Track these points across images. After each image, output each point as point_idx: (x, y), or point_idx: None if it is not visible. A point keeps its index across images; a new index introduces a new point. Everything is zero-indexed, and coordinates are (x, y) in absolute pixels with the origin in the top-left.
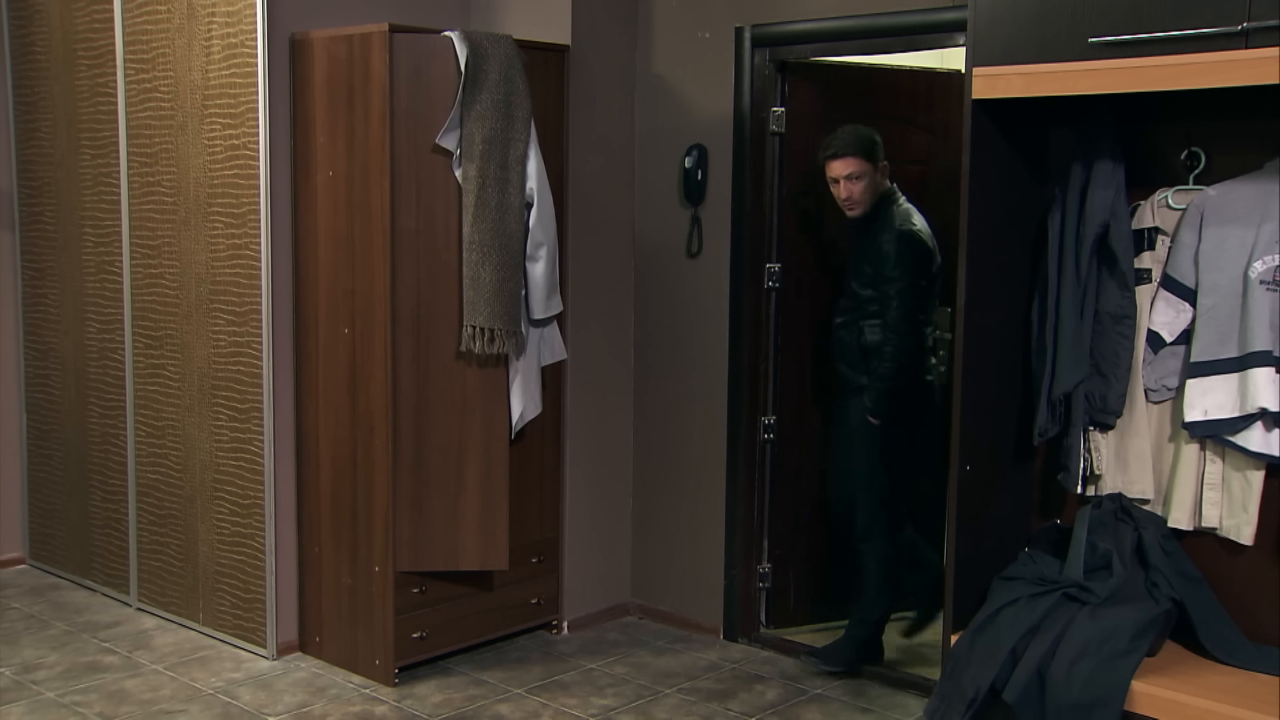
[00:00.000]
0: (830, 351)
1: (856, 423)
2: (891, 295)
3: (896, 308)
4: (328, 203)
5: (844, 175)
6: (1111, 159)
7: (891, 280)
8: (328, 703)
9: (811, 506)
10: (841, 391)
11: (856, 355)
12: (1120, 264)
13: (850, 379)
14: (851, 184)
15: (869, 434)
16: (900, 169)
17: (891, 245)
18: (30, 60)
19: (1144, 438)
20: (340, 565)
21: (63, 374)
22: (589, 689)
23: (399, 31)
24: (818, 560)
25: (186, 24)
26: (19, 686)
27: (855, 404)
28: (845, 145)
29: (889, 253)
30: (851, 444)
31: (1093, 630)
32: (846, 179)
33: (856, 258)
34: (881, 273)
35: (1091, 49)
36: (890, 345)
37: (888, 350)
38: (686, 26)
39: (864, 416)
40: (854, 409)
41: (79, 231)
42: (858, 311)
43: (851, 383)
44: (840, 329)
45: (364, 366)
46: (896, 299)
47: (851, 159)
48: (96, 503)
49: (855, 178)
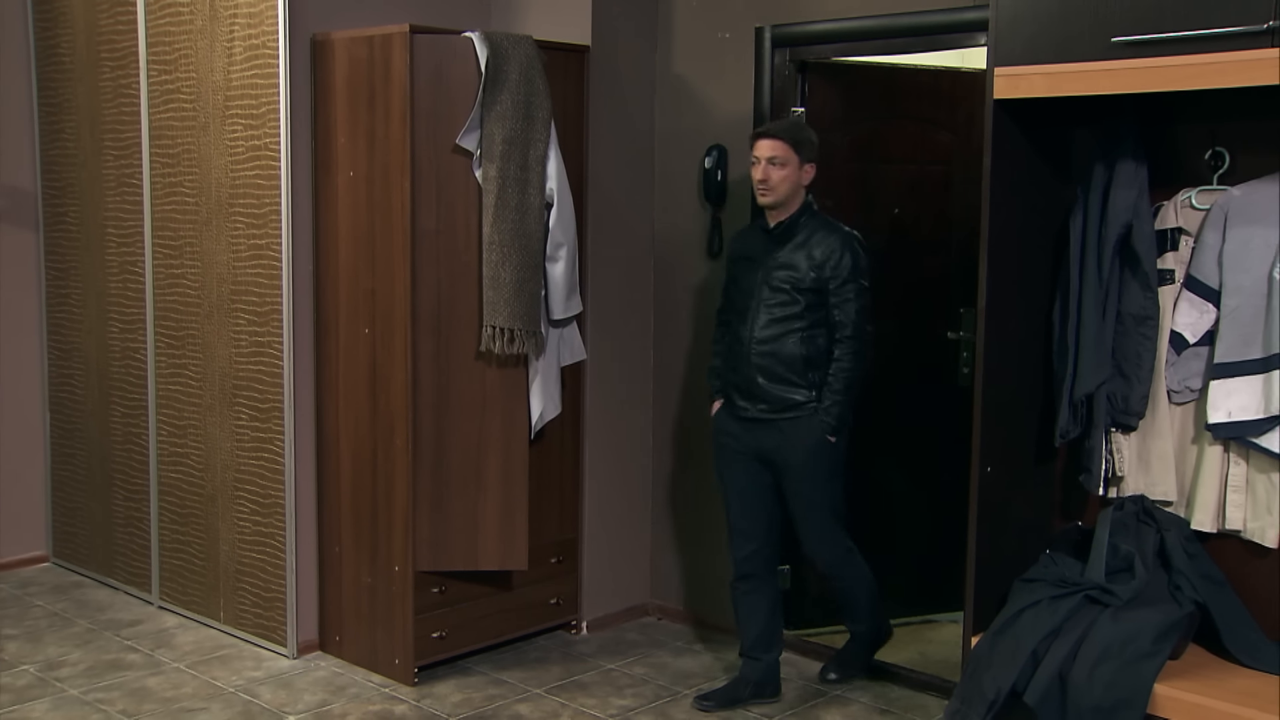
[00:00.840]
0: (740, 373)
1: (810, 445)
2: (850, 299)
3: (857, 311)
4: (348, 203)
5: (766, 157)
6: (1134, 159)
7: (849, 284)
8: (347, 702)
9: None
10: (749, 420)
11: (797, 368)
12: (1143, 264)
13: (778, 397)
14: (772, 168)
15: (828, 454)
16: (923, 169)
17: (846, 250)
18: (55, 62)
19: (1167, 439)
20: (360, 565)
21: (85, 373)
22: (608, 689)
23: (420, 32)
24: None
25: (209, 25)
26: (43, 684)
27: (799, 426)
28: (779, 129)
29: (843, 257)
30: (804, 471)
31: (1115, 632)
32: (769, 161)
33: (776, 265)
34: (834, 277)
35: (1114, 48)
36: (849, 354)
37: (846, 360)
38: (706, 27)
39: (819, 437)
40: (799, 431)
41: (102, 232)
42: (788, 321)
43: (783, 401)
44: (767, 341)
45: (384, 366)
46: (857, 301)
47: (780, 142)
48: (119, 501)
49: (778, 163)
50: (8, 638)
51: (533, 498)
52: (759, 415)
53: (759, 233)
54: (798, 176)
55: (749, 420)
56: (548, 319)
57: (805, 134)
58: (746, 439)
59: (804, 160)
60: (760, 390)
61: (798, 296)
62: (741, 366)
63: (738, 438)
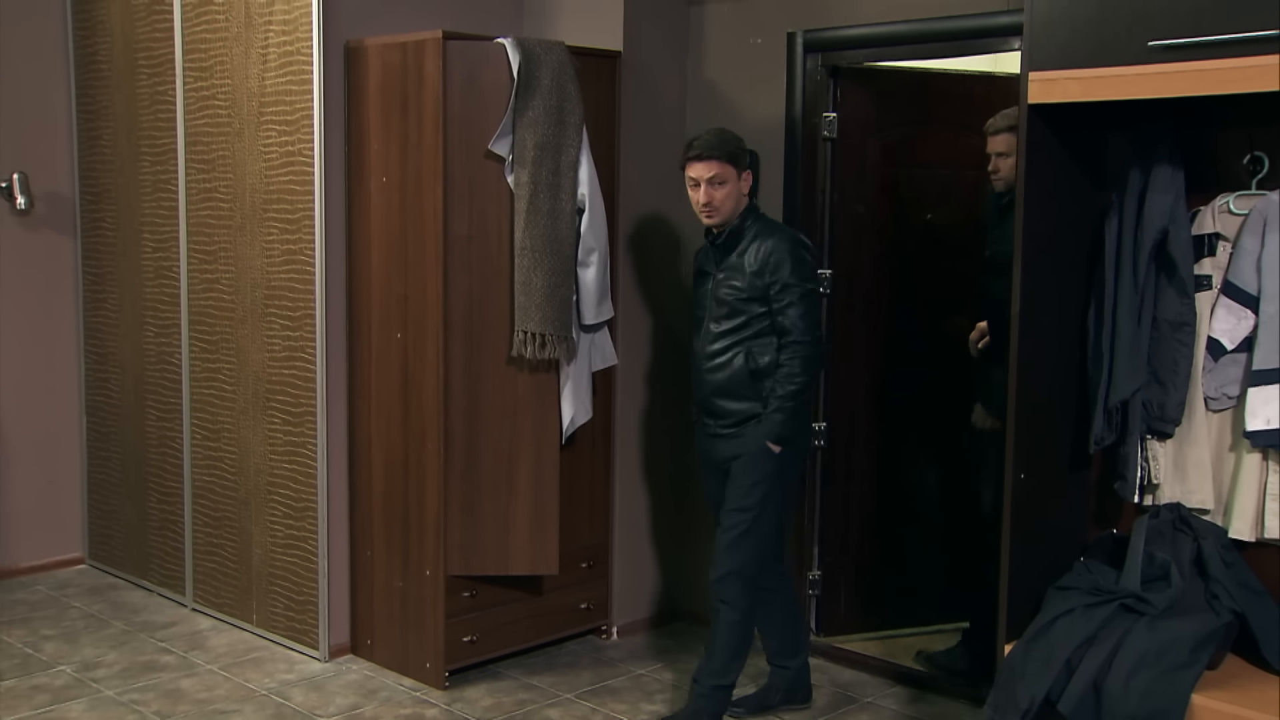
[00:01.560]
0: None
1: (750, 451)
2: (793, 302)
3: (802, 316)
4: (381, 208)
5: (706, 178)
6: (1171, 164)
7: (790, 287)
8: (379, 705)
9: (863, 513)
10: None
11: (746, 383)
12: (1179, 270)
13: (732, 412)
14: (714, 189)
15: (766, 464)
16: (955, 175)
17: (784, 252)
18: (93, 70)
19: (1204, 447)
20: (392, 569)
21: (121, 377)
22: (638, 694)
23: (453, 38)
24: (869, 568)
25: (244, 32)
26: (80, 684)
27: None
28: (710, 147)
29: (781, 260)
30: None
31: (1151, 641)
32: (709, 183)
33: (721, 277)
34: (774, 282)
35: (1151, 52)
36: (796, 359)
37: (794, 365)
38: (738, 32)
39: (760, 445)
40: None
41: (138, 237)
42: (735, 333)
43: (736, 415)
44: (715, 357)
45: (416, 371)
46: (801, 305)
47: (715, 162)
48: (153, 504)
49: (718, 182)
50: (45, 638)
51: (563, 502)
52: (719, 431)
53: (707, 245)
54: (738, 189)
55: (714, 436)
56: (579, 324)
57: (736, 144)
58: (714, 455)
59: (741, 170)
60: (717, 408)
61: (741, 308)
62: (699, 385)
63: (709, 454)
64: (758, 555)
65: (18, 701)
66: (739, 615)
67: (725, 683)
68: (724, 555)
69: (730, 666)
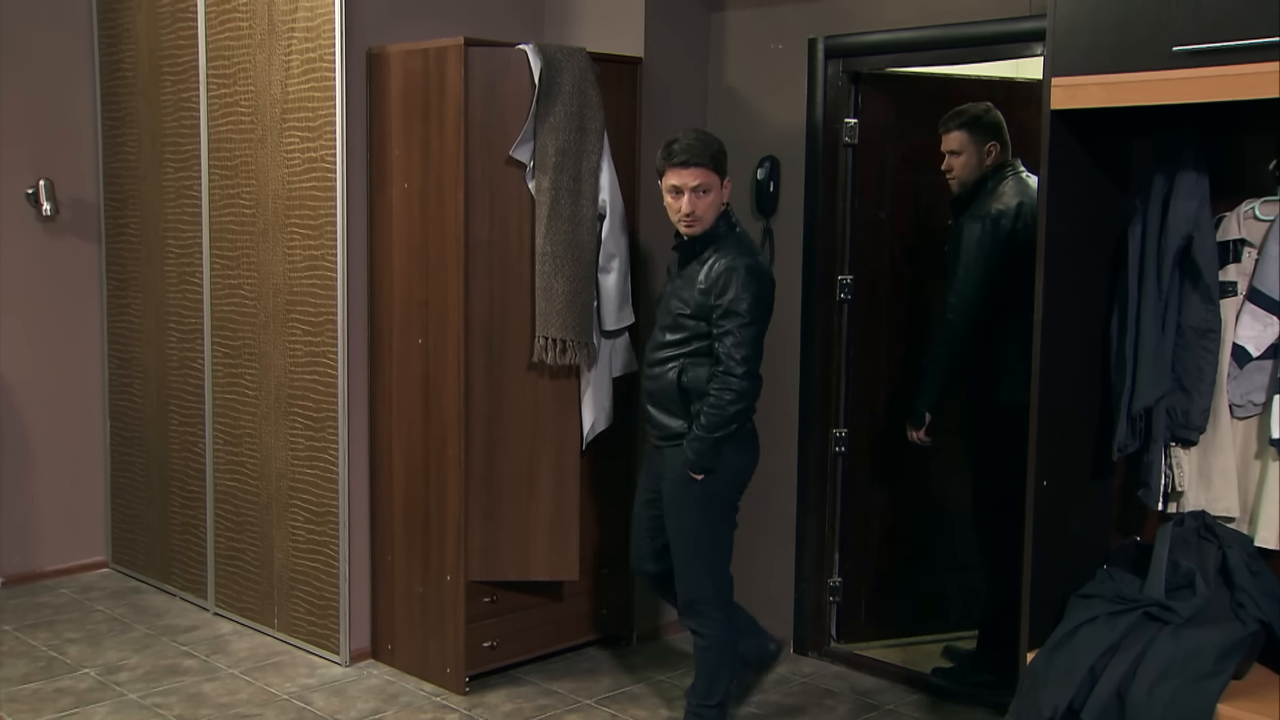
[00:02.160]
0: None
1: (675, 477)
2: (731, 331)
3: (736, 346)
4: (403, 214)
5: (690, 186)
6: (1195, 169)
7: (732, 315)
8: (399, 710)
9: (884, 521)
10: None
11: (675, 398)
12: (1204, 277)
13: (662, 424)
14: (698, 198)
15: (694, 490)
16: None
17: (736, 278)
18: (119, 77)
19: (1229, 454)
20: (412, 574)
21: (144, 382)
22: (658, 701)
23: (474, 45)
24: (890, 575)
25: (267, 39)
26: (104, 687)
27: (673, 456)
28: (695, 152)
29: (729, 285)
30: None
31: (1175, 650)
32: (693, 192)
33: (672, 288)
34: (718, 306)
35: (1175, 57)
36: (724, 390)
37: (720, 395)
38: (759, 38)
39: (682, 473)
40: (672, 461)
41: (161, 243)
42: (676, 346)
43: (664, 429)
44: (653, 366)
45: (437, 377)
46: (737, 334)
47: (701, 169)
48: (176, 509)
49: (703, 191)
50: (70, 641)
51: (584, 508)
52: (654, 443)
53: (675, 252)
54: (720, 198)
55: (652, 446)
56: (600, 330)
57: (719, 147)
58: (651, 463)
59: (723, 177)
60: (650, 416)
61: (684, 322)
62: (641, 392)
63: (649, 459)
64: (712, 576)
65: (42, 704)
66: (707, 641)
67: (712, 702)
68: (680, 586)
69: (714, 689)
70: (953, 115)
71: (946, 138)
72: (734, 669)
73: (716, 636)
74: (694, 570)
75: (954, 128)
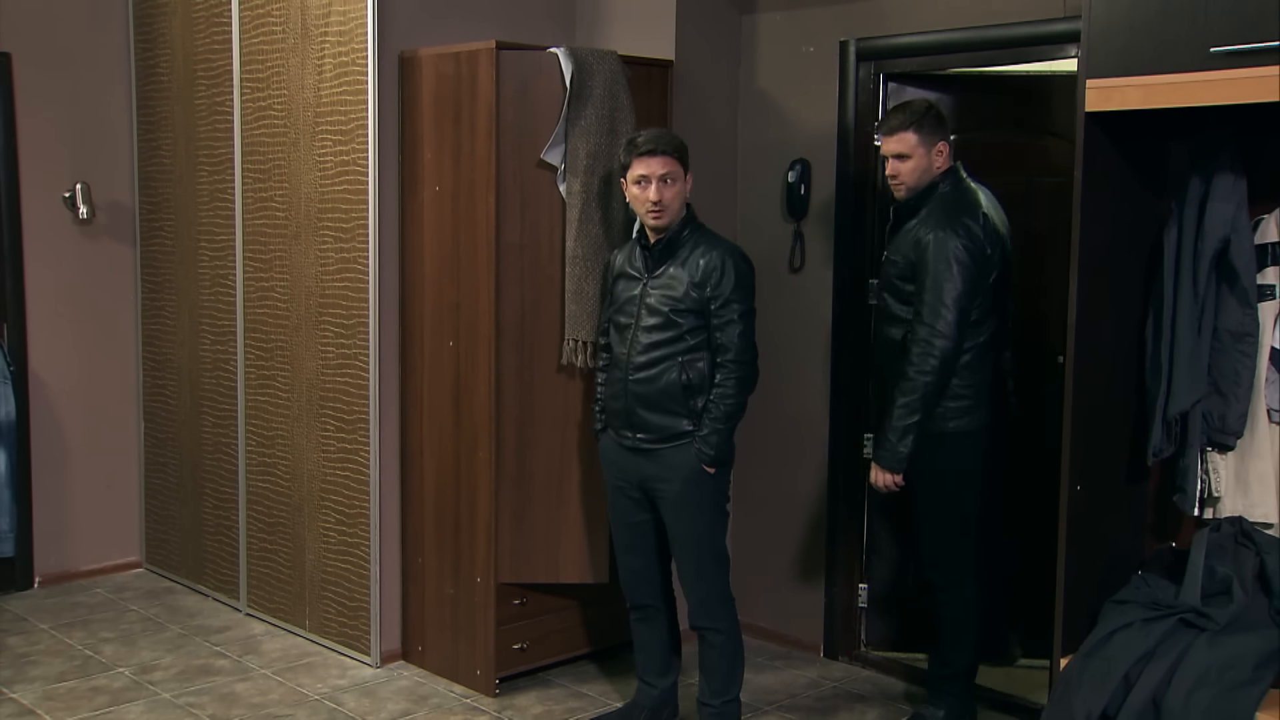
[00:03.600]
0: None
1: (687, 476)
2: (733, 320)
3: (741, 334)
4: (434, 218)
5: (657, 175)
6: (1233, 171)
7: (732, 304)
8: (430, 711)
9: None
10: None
11: (677, 397)
12: (1241, 280)
13: (659, 426)
14: (665, 187)
15: (707, 486)
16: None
17: (730, 267)
18: (154, 82)
19: (1267, 460)
20: (443, 576)
21: (178, 384)
22: (688, 704)
23: (506, 49)
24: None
25: (300, 44)
26: (138, 686)
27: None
28: (661, 142)
29: (726, 275)
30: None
31: (1212, 658)
32: (660, 180)
33: (655, 285)
34: (716, 297)
35: (1213, 58)
36: (733, 379)
37: (730, 386)
38: (791, 40)
39: (697, 468)
40: (678, 461)
41: (195, 246)
42: (669, 345)
43: (663, 430)
44: (645, 368)
45: (468, 379)
46: (741, 323)
47: (667, 158)
48: (209, 510)
49: (669, 180)
50: (104, 640)
51: None
52: (638, 444)
53: (639, 250)
54: (685, 189)
55: (629, 449)
56: None
57: (681, 141)
58: (629, 469)
59: (687, 170)
60: (639, 419)
61: (677, 319)
62: (620, 394)
63: (621, 467)
64: (723, 572)
65: (78, 702)
66: (724, 635)
67: (732, 696)
68: (695, 586)
69: (732, 683)
70: (894, 113)
71: (890, 140)
72: (744, 662)
73: (731, 628)
74: (708, 568)
75: (899, 128)
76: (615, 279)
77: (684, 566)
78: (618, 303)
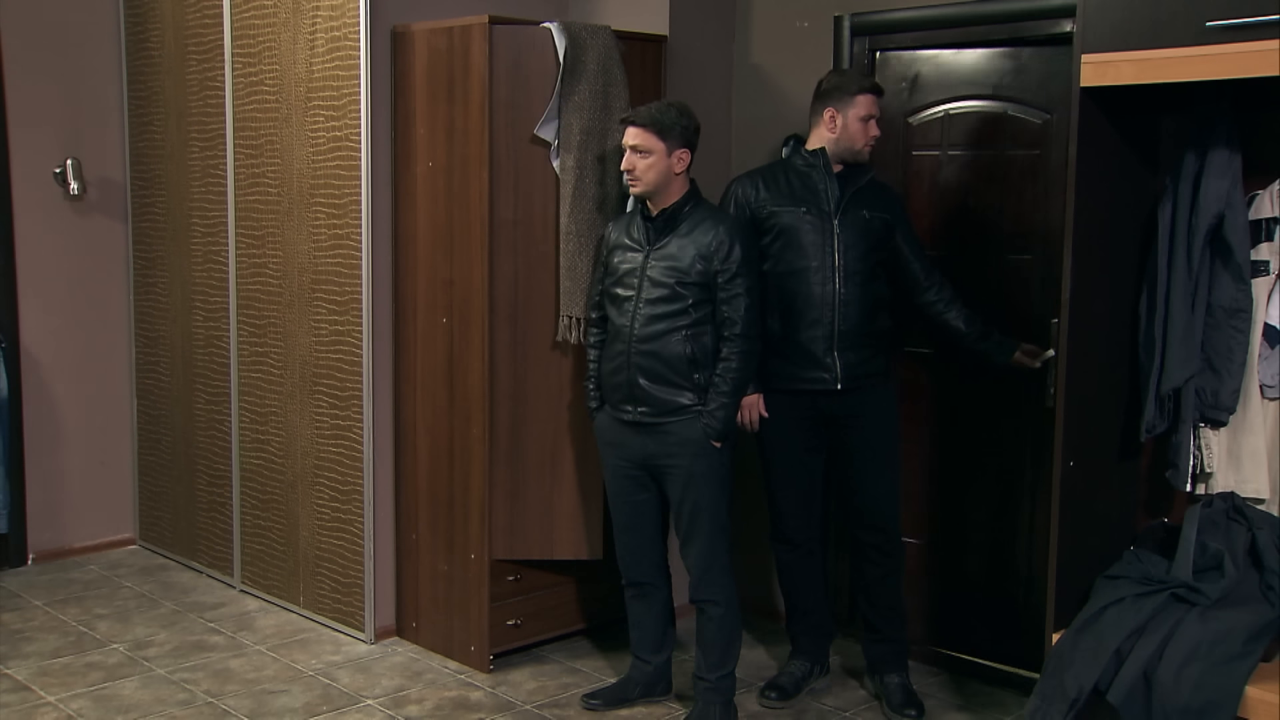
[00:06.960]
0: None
1: (693, 450)
2: (741, 294)
3: (748, 309)
4: (427, 193)
5: (631, 145)
6: (1228, 147)
7: (740, 278)
8: (424, 687)
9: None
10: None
11: (683, 370)
12: (1235, 255)
13: (661, 400)
14: (636, 156)
15: (713, 461)
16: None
17: (737, 241)
18: (144, 57)
19: (1259, 435)
20: (437, 552)
21: (171, 361)
22: (681, 680)
23: (499, 23)
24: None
25: (292, 18)
26: (132, 662)
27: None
28: (643, 116)
29: (733, 248)
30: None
31: (1203, 632)
32: (633, 150)
33: (658, 256)
34: (724, 270)
35: (1208, 33)
36: (739, 353)
37: (735, 360)
38: (784, 16)
39: (704, 442)
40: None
41: (187, 222)
42: (675, 317)
43: (666, 404)
44: (649, 340)
45: (461, 356)
46: (748, 297)
47: (642, 130)
48: (202, 486)
49: (641, 151)
50: (99, 617)
51: None
52: (640, 419)
53: (640, 221)
54: (666, 165)
55: (630, 424)
56: None
57: (672, 118)
58: (631, 447)
59: (673, 147)
60: (641, 392)
61: (682, 291)
62: (622, 367)
63: (620, 444)
64: (725, 546)
65: (73, 678)
66: (723, 608)
67: (729, 669)
68: (698, 560)
69: (729, 655)
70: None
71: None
72: (741, 635)
73: (730, 601)
74: (712, 540)
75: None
76: (611, 250)
77: (688, 540)
78: (616, 274)
